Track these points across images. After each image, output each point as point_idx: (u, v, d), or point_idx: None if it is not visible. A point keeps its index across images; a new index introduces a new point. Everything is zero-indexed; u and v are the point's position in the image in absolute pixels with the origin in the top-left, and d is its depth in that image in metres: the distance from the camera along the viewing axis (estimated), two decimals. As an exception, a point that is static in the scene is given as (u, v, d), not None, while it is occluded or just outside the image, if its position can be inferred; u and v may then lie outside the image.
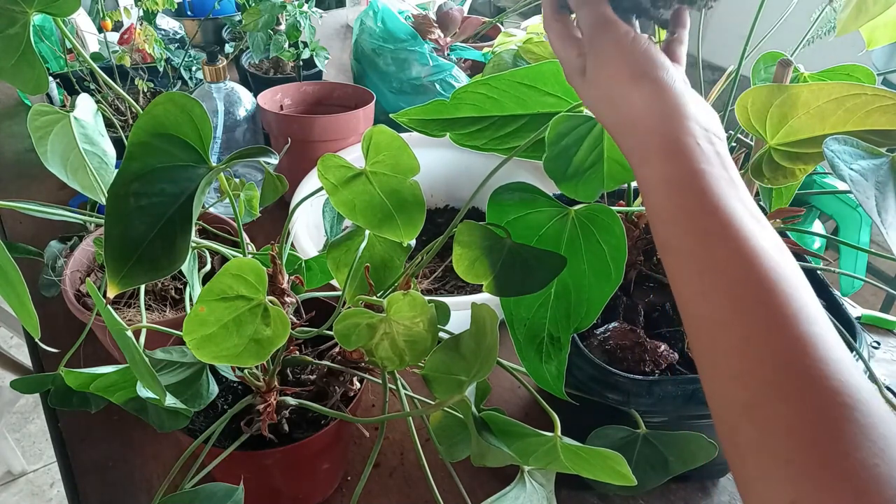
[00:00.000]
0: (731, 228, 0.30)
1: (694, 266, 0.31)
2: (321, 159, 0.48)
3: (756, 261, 0.29)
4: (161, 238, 0.35)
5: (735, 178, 0.32)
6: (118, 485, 0.65)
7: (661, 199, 0.32)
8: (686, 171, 0.32)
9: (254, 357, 0.41)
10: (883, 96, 0.43)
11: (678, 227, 0.32)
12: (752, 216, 0.31)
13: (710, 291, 0.30)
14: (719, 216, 0.30)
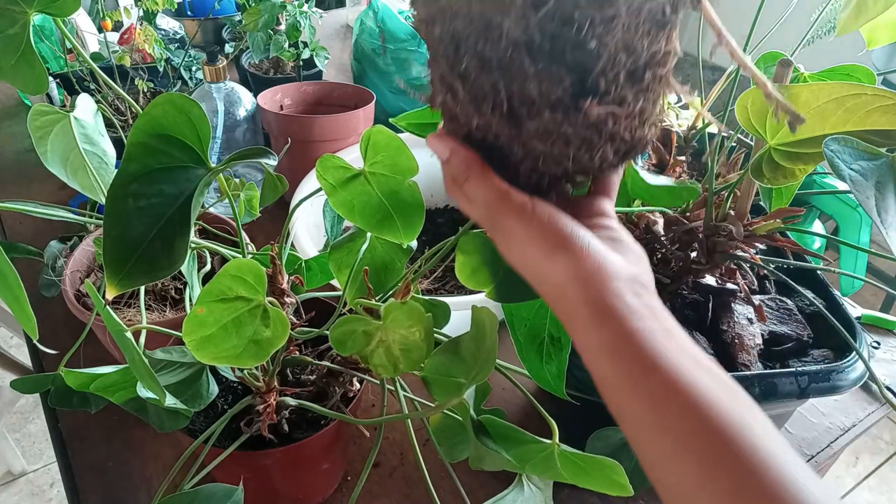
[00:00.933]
0: (675, 385, 0.29)
1: (649, 431, 0.30)
2: (320, 160, 0.48)
3: (709, 414, 0.28)
4: (160, 239, 0.35)
5: (670, 327, 0.31)
6: (118, 485, 0.65)
7: (604, 368, 0.31)
8: (620, 335, 0.31)
9: (253, 358, 0.41)
10: (883, 96, 0.43)
11: (625, 393, 0.31)
12: (694, 362, 0.30)
13: (672, 456, 0.29)
14: (661, 374, 0.29)
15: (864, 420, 0.75)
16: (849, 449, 0.78)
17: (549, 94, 0.30)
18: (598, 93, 0.30)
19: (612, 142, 0.33)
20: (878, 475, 1.68)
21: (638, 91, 0.31)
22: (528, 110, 0.31)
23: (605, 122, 0.31)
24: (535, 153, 0.33)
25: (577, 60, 0.29)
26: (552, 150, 0.33)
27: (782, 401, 0.54)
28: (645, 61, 0.30)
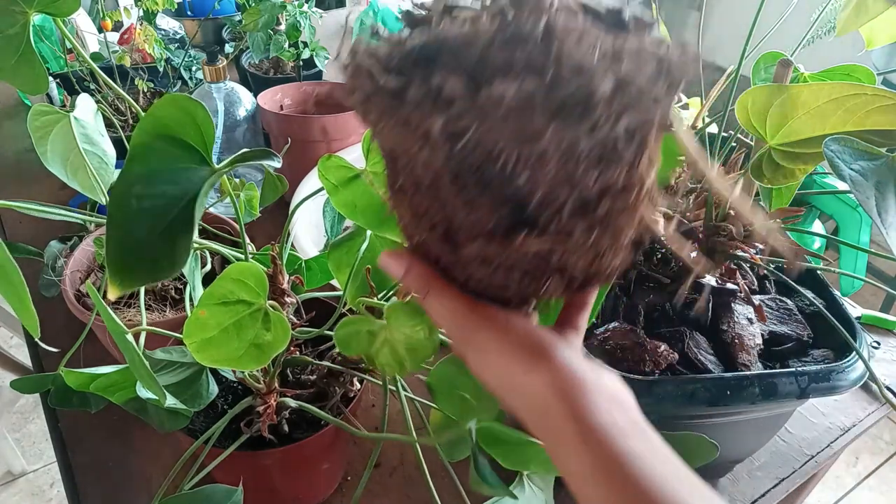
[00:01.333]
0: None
1: None
2: (321, 160, 0.48)
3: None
4: (163, 240, 0.35)
5: (656, 444, 0.30)
6: (118, 485, 0.65)
7: (590, 490, 0.29)
8: (609, 456, 0.29)
9: (254, 362, 0.41)
10: (883, 96, 0.43)
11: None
12: (679, 479, 0.29)
13: None
14: (652, 497, 0.28)
15: (864, 420, 0.75)
16: (849, 449, 0.78)
17: (480, 225, 0.28)
18: (537, 226, 0.28)
19: (562, 274, 0.30)
20: (878, 475, 1.68)
21: (591, 224, 0.28)
22: (463, 236, 0.29)
23: (550, 255, 0.29)
24: (477, 277, 0.31)
25: (508, 194, 0.27)
26: (493, 277, 0.30)
27: (782, 401, 0.54)
28: (598, 193, 0.27)
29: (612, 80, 0.23)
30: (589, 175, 0.26)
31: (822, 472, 0.80)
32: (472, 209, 0.27)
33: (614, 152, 0.25)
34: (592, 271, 0.31)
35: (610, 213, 0.28)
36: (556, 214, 0.27)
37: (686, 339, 0.59)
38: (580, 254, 0.29)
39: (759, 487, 0.67)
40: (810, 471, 0.70)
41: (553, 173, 0.25)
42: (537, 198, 0.26)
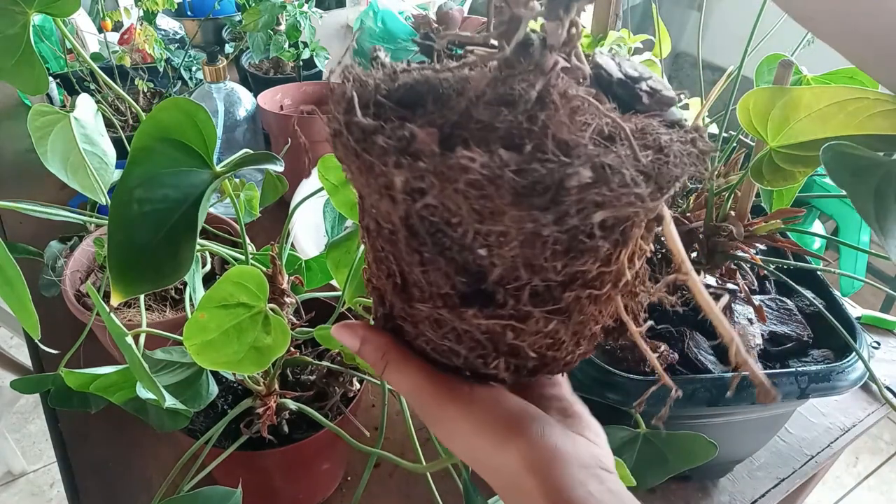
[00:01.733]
0: None
1: None
2: (321, 160, 0.48)
3: None
4: (165, 245, 0.35)
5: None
6: (118, 485, 0.65)
7: None
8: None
9: (254, 365, 0.41)
10: (885, 101, 0.43)
11: None
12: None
13: None
14: None
15: (864, 420, 0.75)
16: (849, 449, 0.78)
17: (436, 286, 0.26)
18: (493, 303, 0.26)
19: (515, 357, 0.29)
20: (878, 475, 1.68)
21: (551, 311, 0.26)
22: (419, 292, 0.27)
23: (503, 334, 0.27)
24: (426, 338, 0.29)
25: (465, 263, 0.25)
26: (443, 342, 0.29)
27: (782, 401, 0.54)
28: (563, 282, 0.25)
29: (589, 169, 0.21)
30: (554, 263, 0.24)
31: (822, 472, 0.80)
32: (428, 270, 0.26)
33: (585, 244, 0.24)
34: (548, 359, 0.29)
35: (575, 303, 0.26)
36: (514, 296, 0.26)
37: (686, 339, 0.59)
38: (536, 339, 0.28)
39: (759, 487, 0.67)
40: (810, 471, 0.70)
41: (513, 254, 0.24)
42: (495, 275, 0.25)
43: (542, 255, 0.24)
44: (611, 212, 0.22)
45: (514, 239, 0.23)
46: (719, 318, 0.23)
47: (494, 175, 0.21)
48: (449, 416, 0.30)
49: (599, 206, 0.21)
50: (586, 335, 0.29)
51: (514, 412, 0.30)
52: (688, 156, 0.23)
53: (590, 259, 0.24)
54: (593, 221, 0.22)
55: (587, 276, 0.25)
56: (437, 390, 0.30)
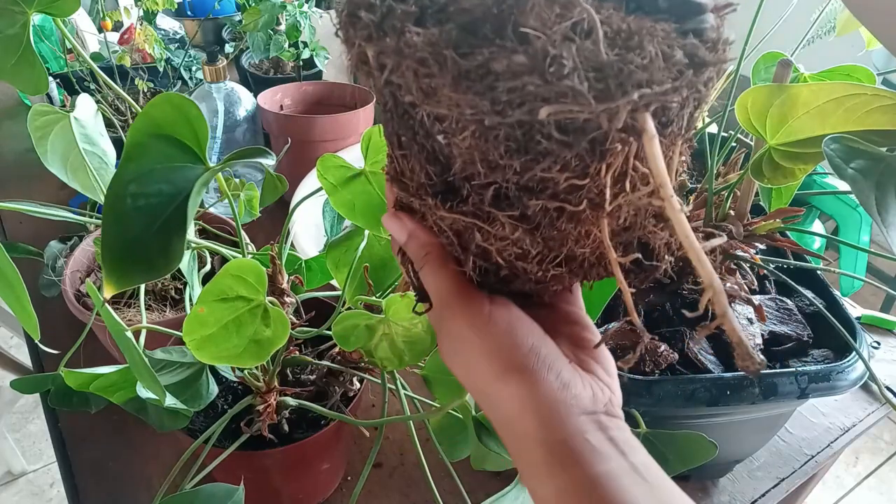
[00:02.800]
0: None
1: None
2: (320, 159, 0.48)
3: None
4: (157, 238, 0.35)
5: (637, 464, 0.27)
6: (118, 485, 0.65)
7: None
8: (581, 482, 0.26)
9: (254, 358, 0.41)
10: (883, 96, 0.43)
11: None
12: (654, 499, 0.26)
13: None
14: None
15: (864, 420, 0.75)
16: (849, 449, 0.78)
17: (416, 174, 0.27)
18: (458, 196, 0.26)
19: (485, 260, 0.28)
20: (878, 475, 1.68)
21: (516, 218, 0.25)
22: (407, 181, 0.28)
23: (472, 234, 0.26)
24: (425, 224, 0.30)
25: (434, 151, 0.25)
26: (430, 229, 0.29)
27: (782, 401, 0.54)
28: (527, 187, 0.24)
29: (524, 55, 0.20)
30: (510, 161, 0.23)
31: (822, 472, 0.80)
32: (407, 155, 0.26)
33: (542, 145, 0.22)
34: (518, 270, 0.28)
35: (543, 214, 0.25)
36: (478, 193, 0.25)
37: (686, 339, 0.59)
38: (504, 246, 0.27)
39: (759, 487, 0.67)
40: (810, 471, 0.70)
41: (468, 145, 0.23)
42: (458, 166, 0.24)
43: (495, 151, 0.23)
44: (557, 108, 0.20)
45: (465, 128, 0.22)
46: (699, 257, 0.21)
47: (438, 54, 0.21)
48: (461, 331, 0.29)
49: (545, 99, 0.20)
50: (564, 254, 0.27)
51: (526, 345, 0.29)
52: (668, 61, 0.21)
53: (554, 166, 0.23)
54: (540, 118, 0.20)
55: (557, 187, 0.24)
56: (459, 302, 0.29)
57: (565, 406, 0.28)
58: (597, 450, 0.27)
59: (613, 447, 0.27)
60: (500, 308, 0.30)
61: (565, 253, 0.27)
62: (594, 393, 0.29)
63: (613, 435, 0.28)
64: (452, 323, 0.30)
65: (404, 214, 0.31)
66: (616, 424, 0.29)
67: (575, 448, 0.27)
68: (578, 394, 0.28)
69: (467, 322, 0.29)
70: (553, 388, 0.28)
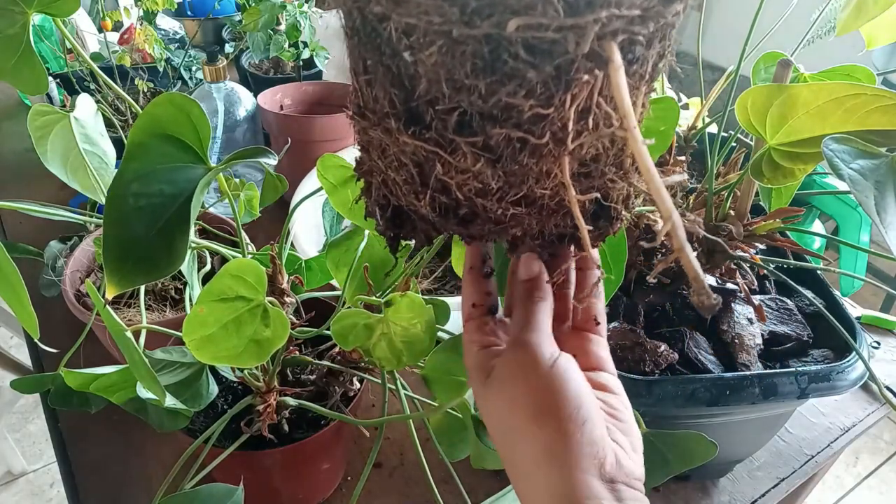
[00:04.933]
0: None
1: None
2: (320, 159, 0.48)
3: None
4: (159, 239, 0.35)
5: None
6: (118, 485, 0.65)
7: None
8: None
9: (254, 358, 0.41)
10: (883, 96, 0.43)
11: None
12: None
13: None
14: None
15: (864, 420, 0.75)
16: (849, 449, 0.78)
17: (379, 103, 0.26)
18: (421, 122, 0.25)
19: (443, 193, 0.27)
20: (878, 475, 1.68)
21: (478, 147, 0.24)
22: (371, 114, 0.27)
23: (433, 164, 0.26)
24: (378, 169, 0.29)
25: (399, 72, 0.24)
26: (388, 172, 0.28)
27: (782, 401, 0.54)
28: (491, 114, 0.23)
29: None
30: (476, 82, 0.22)
31: (822, 472, 0.80)
32: (371, 81, 0.25)
33: (508, 65, 0.22)
34: (478, 208, 0.27)
35: (506, 144, 0.24)
36: (442, 119, 0.24)
37: (686, 339, 0.59)
38: (465, 180, 0.26)
39: (759, 487, 0.67)
40: (810, 471, 0.70)
41: (434, 62, 0.22)
42: (422, 88, 0.24)
43: (461, 69, 0.22)
44: (525, 20, 0.20)
45: (433, 42, 0.22)
46: (658, 190, 0.21)
47: None
48: (518, 369, 0.30)
49: (514, 11, 0.20)
50: (525, 194, 0.27)
51: (575, 396, 0.29)
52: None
53: (519, 90, 0.22)
54: (508, 31, 0.20)
55: (521, 116, 0.23)
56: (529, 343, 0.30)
57: (589, 465, 0.27)
58: None
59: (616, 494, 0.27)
60: (563, 357, 0.30)
61: (524, 191, 0.27)
62: (619, 461, 0.29)
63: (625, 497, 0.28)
64: (514, 360, 0.30)
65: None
66: (634, 496, 0.28)
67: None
68: (605, 457, 0.28)
69: (531, 359, 0.30)
70: (582, 445, 0.28)
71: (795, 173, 0.49)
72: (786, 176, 0.49)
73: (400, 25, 0.22)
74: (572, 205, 0.25)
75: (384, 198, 0.30)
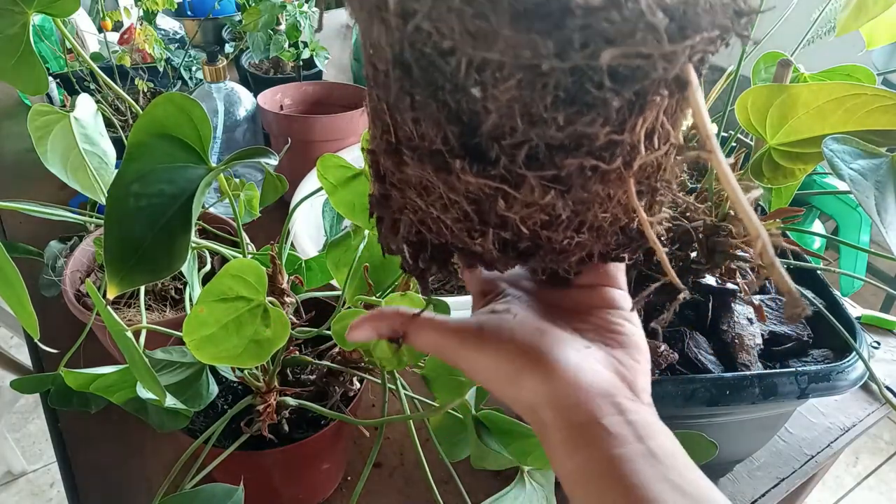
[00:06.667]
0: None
1: None
2: (320, 159, 0.48)
3: None
4: (161, 239, 0.35)
5: (654, 448, 0.27)
6: (118, 485, 0.65)
7: (578, 491, 0.28)
8: (594, 464, 0.27)
9: (254, 358, 0.41)
10: (883, 96, 0.43)
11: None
12: (677, 490, 0.27)
13: None
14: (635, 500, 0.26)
15: (864, 420, 0.75)
16: (849, 449, 0.78)
17: (427, 139, 0.24)
18: (484, 159, 0.23)
19: (504, 229, 0.26)
20: (878, 475, 1.68)
21: (549, 179, 0.23)
22: (410, 151, 0.25)
23: (494, 201, 0.24)
24: (414, 207, 0.27)
25: (459, 106, 0.22)
26: (429, 210, 0.26)
27: (782, 401, 0.54)
28: (564, 144, 0.22)
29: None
30: (555, 114, 0.21)
31: (822, 472, 0.80)
32: (419, 118, 0.24)
33: (592, 95, 0.21)
34: (542, 240, 0.26)
35: (578, 174, 0.23)
36: (509, 154, 0.23)
37: (686, 339, 0.59)
38: (530, 213, 0.25)
39: (759, 487, 0.67)
40: (810, 471, 0.70)
41: (510, 97, 0.21)
42: (489, 124, 0.22)
43: (541, 102, 0.21)
44: (622, 50, 0.19)
45: (512, 76, 0.20)
46: (745, 209, 0.21)
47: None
48: (465, 362, 0.31)
49: (609, 41, 0.19)
50: (589, 220, 0.26)
51: (527, 343, 0.29)
52: (722, 7, 0.21)
53: (598, 119, 0.22)
54: (602, 62, 0.19)
55: (594, 143, 0.22)
56: (450, 342, 0.31)
57: (579, 391, 0.28)
58: (612, 433, 0.27)
59: (630, 430, 0.28)
60: (492, 325, 0.31)
61: (589, 218, 0.26)
62: (615, 377, 0.29)
63: (632, 419, 0.28)
64: (457, 359, 0.31)
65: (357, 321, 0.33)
66: (636, 408, 0.29)
67: (590, 432, 0.28)
68: (594, 379, 0.29)
69: (465, 352, 0.31)
70: (565, 377, 0.28)
71: (795, 173, 0.49)
72: (786, 176, 0.49)
73: (474, 61, 0.21)
74: (644, 226, 0.24)
75: (418, 235, 0.29)
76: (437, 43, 0.21)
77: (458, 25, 0.20)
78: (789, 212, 0.58)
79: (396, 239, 0.30)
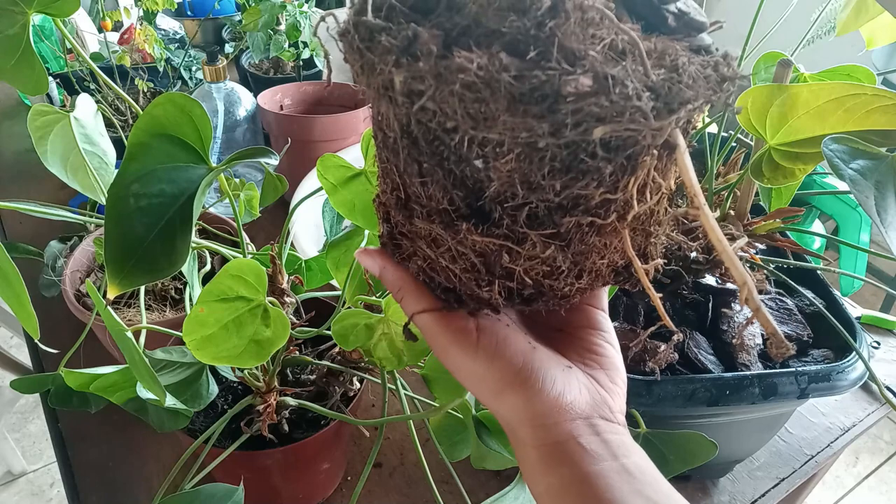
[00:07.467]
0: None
1: None
2: (320, 159, 0.48)
3: None
4: (161, 239, 0.35)
5: (629, 465, 0.28)
6: (118, 485, 0.65)
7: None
8: (570, 480, 0.28)
9: (254, 358, 0.41)
10: (883, 96, 0.43)
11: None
12: (651, 502, 0.27)
13: None
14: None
15: (864, 420, 0.75)
16: (849, 449, 0.78)
17: (434, 200, 0.26)
18: (488, 220, 0.25)
19: (510, 281, 0.28)
20: (878, 475, 1.68)
21: (549, 236, 0.25)
22: (419, 207, 0.27)
23: (499, 256, 0.26)
24: (423, 256, 0.29)
25: (463, 175, 0.24)
26: (439, 261, 0.28)
27: (782, 401, 0.54)
28: (561, 205, 0.24)
29: (590, 77, 0.20)
30: (552, 182, 0.23)
31: (822, 472, 0.80)
32: (427, 182, 0.26)
33: (586, 164, 0.23)
34: (545, 288, 0.28)
35: (576, 230, 0.25)
36: (511, 215, 0.25)
37: (686, 339, 0.59)
38: (533, 265, 0.27)
39: (759, 487, 0.67)
40: (810, 471, 0.70)
41: (510, 168, 0.23)
42: (492, 190, 0.24)
43: (539, 172, 0.23)
44: (612, 127, 0.21)
45: (511, 151, 0.22)
46: (732, 259, 0.22)
47: (491, 78, 0.20)
48: (453, 361, 0.30)
49: (600, 119, 0.20)
50: (588, 268, 0.28)
51: (516, 363, 0.30)
52: (705, 80, 0.22)
53: (592, 182, 0.23)
54: (593, 138, 0.21)
55: (589, 203, 0.24)
56: (445, 332, 0.30)
57: (559, 412, 0.29)
58: (588, 451, 0.28)
59: (606, 449, 0.28)
60: (487, 332, 0.30)
61: (588, 266, 0.28)
62: (593, 398, 0.30)
63: (607, 438, 0.29)
64: (444, 354, 0.31)
65: (372, 250, 0.32)
66: (612, 429, 0.29)
67: (567, 450, 0.28)
68: (574, 400, 0.29)
69: (457, 348, 0.30)
70: (546, 399, 0.29)
71: (795, 173, 0.49)
72: (786, 176, 0.49)
73: (475, 138, 0.23)
74: (640, 274, 0.26)
75: (429, 278, 0.30)
76: (441, 121, 0.22)
77: (460, 108, 0.21)
78: (789, 212, 0.58)
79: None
